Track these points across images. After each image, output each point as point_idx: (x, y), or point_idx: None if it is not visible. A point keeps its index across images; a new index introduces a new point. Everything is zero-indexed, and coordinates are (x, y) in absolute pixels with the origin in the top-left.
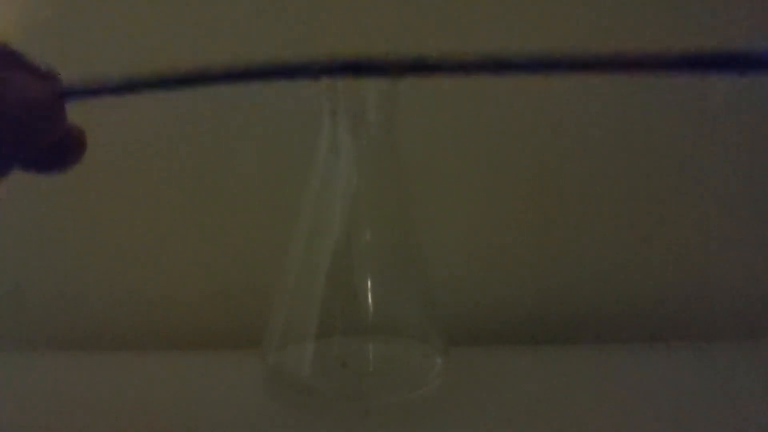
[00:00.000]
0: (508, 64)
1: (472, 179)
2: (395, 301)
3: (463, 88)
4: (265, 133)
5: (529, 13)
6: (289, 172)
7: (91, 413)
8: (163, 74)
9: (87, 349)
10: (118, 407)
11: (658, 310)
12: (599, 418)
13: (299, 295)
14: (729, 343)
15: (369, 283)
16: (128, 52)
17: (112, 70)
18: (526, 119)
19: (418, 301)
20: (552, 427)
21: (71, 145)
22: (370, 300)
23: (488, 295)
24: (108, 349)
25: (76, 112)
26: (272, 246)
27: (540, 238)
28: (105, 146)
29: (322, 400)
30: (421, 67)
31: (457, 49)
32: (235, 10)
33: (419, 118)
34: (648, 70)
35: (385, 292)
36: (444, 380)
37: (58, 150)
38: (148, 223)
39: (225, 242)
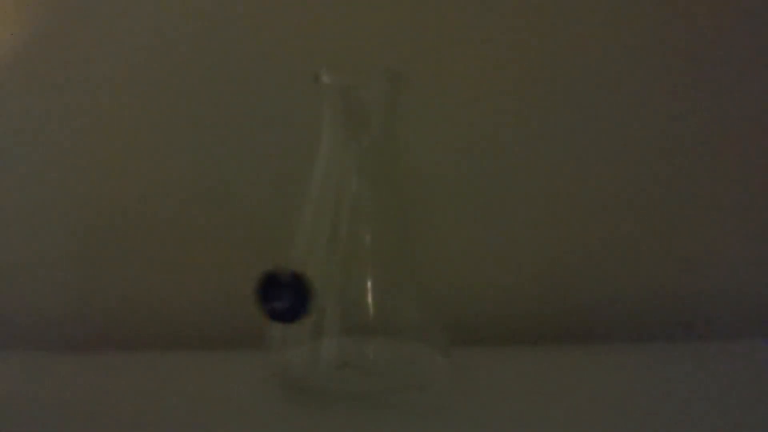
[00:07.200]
0: None
1: (472, 179)
2: (396, 301)
3: (463, 89)
4: (266, 134)
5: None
6: (290, 173)
7: (91, 413)
8: None
9: (88, 350)
10: (118, 407)
11: (657, 309)
12: (599, 418)
13: None
14: (729, 343)
15: (369, 284)
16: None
17: (111, 69)
18: (526, 119)
19: (419, 302)
20: (552, 427)
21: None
22: (370, 300)
23: (488, 295)
24: (108, 349)
25: None
26: (273, 246)
27: (541, 238)
28: (106, 148)
29: (322, 400)
30: None
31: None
32: (235, 10)
33: (419, 119)
34: None
35: (386, 292)
36: (445, 380)
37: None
38: (149, 224)
39: (226, 242)
